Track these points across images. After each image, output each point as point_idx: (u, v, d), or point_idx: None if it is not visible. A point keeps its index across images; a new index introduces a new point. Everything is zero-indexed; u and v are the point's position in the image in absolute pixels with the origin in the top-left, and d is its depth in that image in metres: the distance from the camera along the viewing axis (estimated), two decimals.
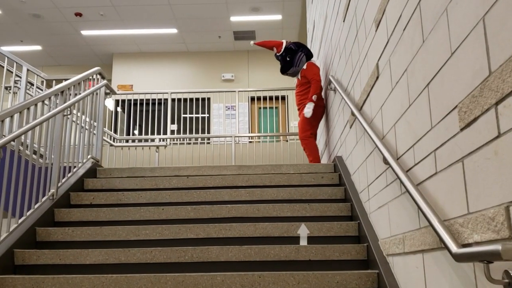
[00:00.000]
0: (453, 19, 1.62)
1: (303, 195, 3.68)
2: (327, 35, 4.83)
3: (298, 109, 5.14)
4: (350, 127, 3.53)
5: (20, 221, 3.15)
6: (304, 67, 5.03)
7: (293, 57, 5.03)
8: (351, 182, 3.54)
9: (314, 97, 4.84)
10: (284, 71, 5.16)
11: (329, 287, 2.59)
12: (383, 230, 2.64)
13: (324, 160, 5.31)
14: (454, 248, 1.48)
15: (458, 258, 1.44)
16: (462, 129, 1.56)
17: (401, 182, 2.01)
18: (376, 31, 2.67)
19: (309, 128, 4.97)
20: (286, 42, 5.17)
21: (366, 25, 2.91)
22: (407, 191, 1.93)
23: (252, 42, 5.37)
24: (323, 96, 5.10)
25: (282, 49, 5.12)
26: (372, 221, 2.91)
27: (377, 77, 2.65)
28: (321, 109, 5.00)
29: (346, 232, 3.18)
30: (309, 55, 5.07)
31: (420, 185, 1.99)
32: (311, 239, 3.17)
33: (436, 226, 1.62)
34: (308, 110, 4.83)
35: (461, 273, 1.58)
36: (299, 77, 5.10)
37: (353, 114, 3.09)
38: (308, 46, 7.39)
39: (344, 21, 3.72)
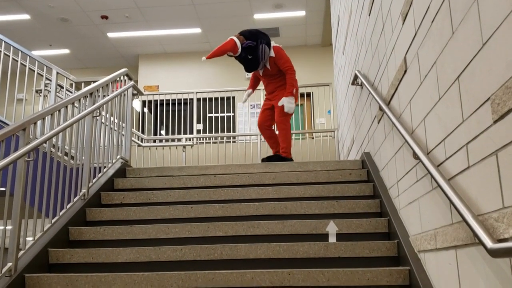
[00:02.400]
0: (484, 9, 1.58)
1: (331, 192, 3.66)
2: (352, 30, 4.78)
3: (269, 99, 4.86)
4: (378, 123, 3.49)
5: (53, 221, 3.23)
6: (272, 54, 4.67)
7: (256, 53, 4.57)
8: (380, 178, 3.50)
9: (294, 91, 4.65)
10: (252, 70, 4.71)
11: (359, 284, 2.57)
12: (413, 226, 2.60)
13: (351, 156, 5.26)
14: (489, 243, 1.44)
15: (494, 253, 1.40)
16: (495, 122, 1.52)
17: (432, 177, 1.98)
18: (403, 24, 2.63)
19: (286, 113, 4.74)
20: (239, 39, 4.58)
21: (393, 19, 2.87)
22: (439, 186, 1.89)
23: (203, 58, 4.58)
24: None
25: (239, 50, 4.57)
26: (402, 217, 2.87)
27: (405, 71, 2.61)
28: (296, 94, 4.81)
29: (376, 228, 3.15)
30: (268, 42, 4.67)
31: (452, 179, 1.95)
32: (340, 236, 3.15)
33: (470, 221, 1.59)
34: (291, 105, 4.59)
35: (497, 269, 1.54)
36: (268, 66, 4.73)
37: (381, 109, 3.05)
38: (333, 42, 7.32)
39: (369, 15, 3.67)
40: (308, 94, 9.95)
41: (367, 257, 2.87)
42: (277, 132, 4.84)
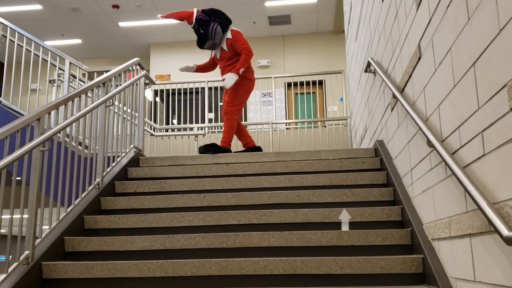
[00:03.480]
0: None
1: (343, 180, 3.65)
2: (365, 16, 4.72)
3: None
4: (392, 110, 3.46)
5: (68, 209, 3.27)
6: (229, 35, 4.61)
7: (206, 29, 4.53)
8: (393, 166, 3.48)
9: (241, 71, 4.51)
10: (200, 45, 4.64)
11: (372, 272, 2.57)
12: (427, 214, 2.58)
13: (364, 144, 5.24)
14: (505, 231, 1.43)
15: (510, 241, 1.39)
16: None
17: (447, 164, 1.96)
18: (417, 10, 2.59)
19: (237, 103, 4.60)
20: (197, 11, 4.61)
21: (407, 5, 2.83)
22: (453, 173, 1.88)
23: (159, 15, 4.72)
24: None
25: (193, 21, 4.59)
26: (416, 205, 2.86)
27: (419, 58, 2.58)
28: (251, 83, 4.69)
29: (389, 217, 3.14)
30: (224, 23, 4.60)
31: (467, 167, 1.93)
32: (353, 225, 3.15)
33: (485, 209, 1.57)
34: (231, 81, 4.47)
35: None
36: (225, 48, 4.64)
37: (394, 96, 3.02)
38: (345, 29, 7.25)
39: (383, 1, 3.62)
40: (320, 82, 9.88)
41: (380, 245, 2.87)
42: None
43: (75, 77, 5.45)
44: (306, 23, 10.50)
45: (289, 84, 10.23)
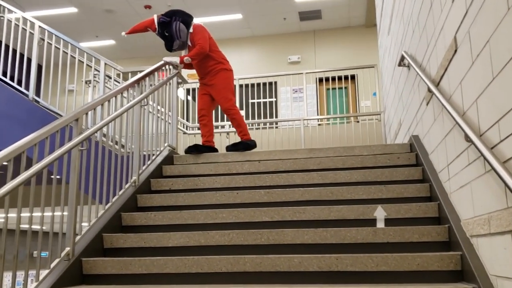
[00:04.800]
0: None
1: (378, 176, 3.60)
2: (398, 10, 4.64)
3: (204, 83, 4.65)
4: (427, 105, 3.39)
5: (106, 207, 3.35)
6: (191, 30, 4.55)
7: (170, 30, 4.46)
8: (429, 162, 3.41)
9: (186, 59, 4.44)
10: (169, 47, 4.59)
11: (409, 270, 2.53)
12: (465, 211, 2.53)
13: (399, 140, 5.15)
14: None
15: None
16: None
17: (486, 160, 1.91)
18: (452, 2, 2.53)
19: (232, 96, 4.55)
20: (157, 16, 4.52)
21: None
22: (493, 169, 1.83)
23: (123, 33, 4.65)
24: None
25: (156, 27, 4.52)
26: (453, 201, 2.80)
27: (455, 51, 2.52)
28: (232, 73, 4.63)
29: (425, 213, 3.08)
30: (186, 20, 4.52)
31: (506, 162, 1.87)
32: (388, 221, 3.11)
33: None
34: (170, 59, 4.49)
35: None
36: (189, 43, 4.59)
37: (429, 90, 2.96)
38: (378, 22, 7.13)
39: None
40: (352, 77, 9.77)
41: (416, 242, 2.83)
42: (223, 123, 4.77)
43: (110, 77, 5.58)
44: (337, 17, 10.39)
45: (320, 80, 10.15)
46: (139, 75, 3.96)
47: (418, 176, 3.55)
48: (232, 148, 4.46)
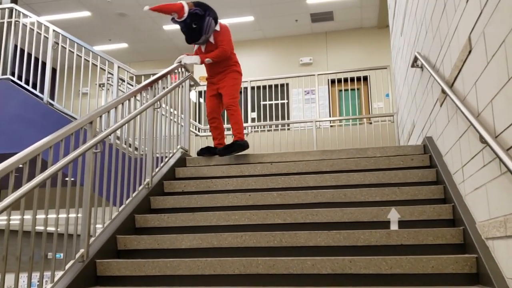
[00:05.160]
0: None
1: (391, 178, 3.58)
2: (411, 10, 4.61)
3: (212, 83, 4.59)
4: (441, 106, 3.36)
5: (120, 209, 3.38)
6: (218, 28, 4.43)
7: (201, 24, 4.28)
8: (443, 164, 3.38)
9: (208, 60, 4.37)
10: (192, 40, 4.40)
11: (423, 272, 2.51)
12: (480, 213, 2.50)
13: (412, 141, 5.11)
14: None
15: None
16: None
17: (501, 161, 1.89)
18: (467, 2, 2.50)
19: (236, 95, 4.47)
20: (188, 4, 4.31)
21: None
22: (509, 170, 1.81)
23: (146, 7, 4.27)
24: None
25: (185, 15, 4.25)
26: (468, 203, 2.77)
27: (470, 51, 2.49)
28: (241, 77, 4.60)
29: (440, 215, 3.05)
30: (216, 18, 4.39)
31: None
32: (402, 223, 3.08)
33: None
34: (189, 61, 4.42)
35: None
36: (212, 40, 4.47)
37: (443, 91, 2.94)
38: (390, 23, 7.10)
39: None
40: (365, 78, 9.73)
41: (431, 244, 2.80)
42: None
43: (123, 80, 5.62)
44: (349, 19, 10.35)
45: (332, 81, 10.12)
46: (152, 78, 3.98)
47: (432, 178, 3.52)
48: (225, 151, 4.36)
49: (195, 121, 9.19)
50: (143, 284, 2.83)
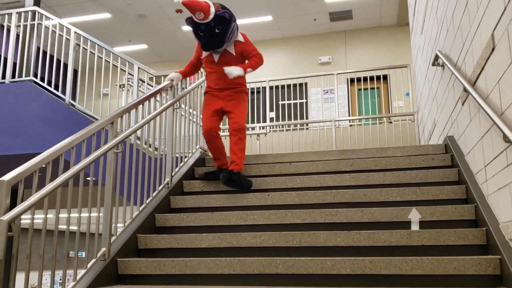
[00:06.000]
0: None
1: (412, 178, 3.54)
2: (431, 8, 4.55)
3: (217, 96, 3.92)
4: (462, 104, 3.31)
5: (140, 208, 3.41)
6: (240, 39, 3.88)
7: (226, 29, 3.70)
8: (465, 163, 3.33)
9: (249, 71, 3.80)
10: (213, 47, 3.78)
11: (445, 273, 2.48)
12: (504, 213, 2.45)
13: (433, 140, 5.05)
14: None
15: None
16: None
17: None
18: None
19: (245, 117, 3.88)
20: (215, 6, 3.73)
21: None
22: None
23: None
24: None
25: (211, 16, 3.64)
26: (491, 203, 2.72)
27: (493, 49, 2.45)
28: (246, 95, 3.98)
29: (462, 215, 3.01)
30: (238, 27, 3.89)
31: None
32: (423, 224, 3.04)
33: None
34: (236, 72, 3.67)
35: None
36: (232, 51, 3.86)
37: (465, 90, 2.89)
38: (410, 21, 7.01)
39: None
40: (385, 77, 9.63)
41: (452, 245, 2.76)
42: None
43: (143, 81, 5.68)
44: (368, 17, 10.27)
45: (351, 80, 10.05)
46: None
47: (454, 178, 3.47)
48: (230, 182, 3.73)
49: None
50: (163, 283, 2.86)
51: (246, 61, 3.97)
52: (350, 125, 8.01)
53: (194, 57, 4.11)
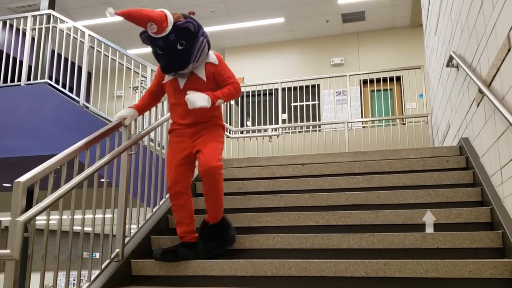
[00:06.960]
0: None
1: (426, 180, 3.51)
2: (445, 9, 4.51)
3: (186, 134, 3.00)
4: (477, 106, 3.28)
5: (154, 210, 3.43)
6: (214, 60, 3.00)
7: (191, 45, 2.83)
8: (480, 165, 3.29)
9: (219, 102, 2.91)
10: (175, 68, 2.85)
11: (460, 276, 2.45)
12: None
13: (447, 142, 5.00)
14: None
15: None
16: None
17: None
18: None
19: (221, 156, 2.98)
20: (174, 15, 2.83)
21: None
22: None
23: (110, 10, 2.66)
24: None
25: (169, 28, 2.78)
26: (507, 206, 2.68)
27: (509, 49, 2.42)
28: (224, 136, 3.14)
29: (477, 218, 2.97)
30: (210, 44, 2.99)
31: None
32: (437, 226, 3.02)
33: None
34: (200, 102, 2.78)
35: None
36: (201, 76, 2.96)
37: (480, 91, 2.86)
38: (424, 22, 6.96)
39: None
40: (398, 78, 9.57)
41: (468, 248, 2.73)
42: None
43: None
44: (381, 18, 10.21)
45: (364, 82, 10.01)
46: None
47: (469, 180, 3.43)
48: (216, 249, 2.98)
49: (226, 123, 9.25)
50: (176, 284, 2.87)
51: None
52: (363, 127, 7.97)
53: (153, 84, 3.16)
